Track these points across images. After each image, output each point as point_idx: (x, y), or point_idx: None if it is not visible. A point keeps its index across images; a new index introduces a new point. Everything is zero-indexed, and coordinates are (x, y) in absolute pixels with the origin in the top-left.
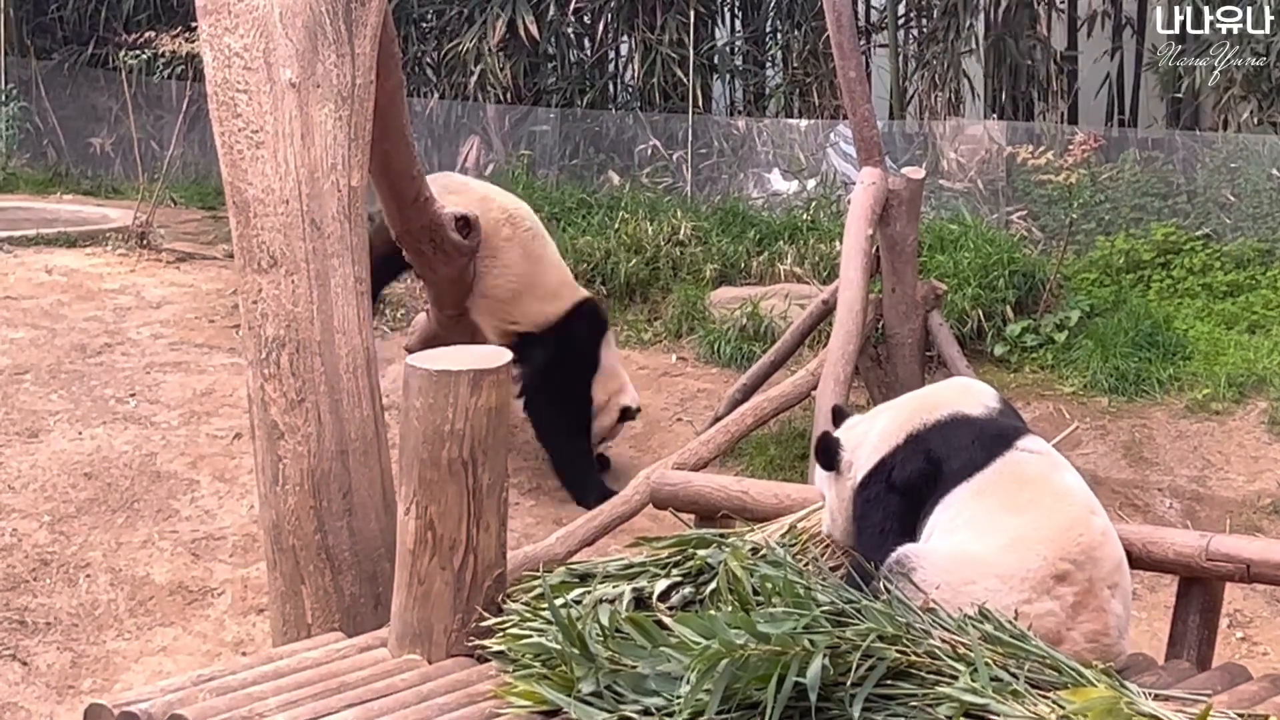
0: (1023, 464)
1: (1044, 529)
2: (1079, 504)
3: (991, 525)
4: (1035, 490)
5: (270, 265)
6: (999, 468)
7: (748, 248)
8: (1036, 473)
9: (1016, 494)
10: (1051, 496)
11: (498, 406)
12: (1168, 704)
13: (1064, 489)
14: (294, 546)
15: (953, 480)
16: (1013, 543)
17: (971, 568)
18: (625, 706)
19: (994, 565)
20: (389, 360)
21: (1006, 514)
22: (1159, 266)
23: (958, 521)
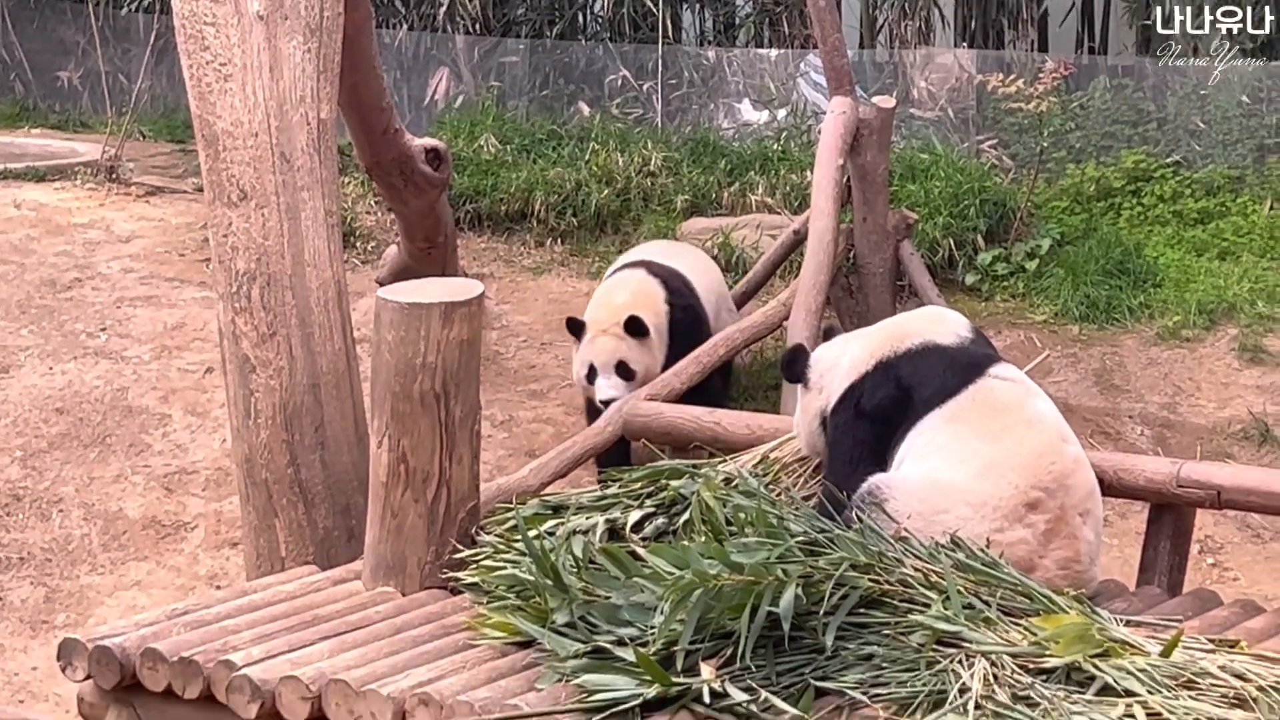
0: (995, 391)
1: (1016, 456)
2: (1051, 431)
3: (963, 453)
4: (1008, 418)
5: (240, 199)
6: (971, 395)
7: (718, 178)
8: (1009, 400)
9: (989, 421)
10: (1024, 424)
11: (469, 339)
12: (1139, 630)
13: (1036, 416)
14: (267, 480)
15: (924, 408)
16: (985, 470)
17: (943, 496)
18: (599, 637)
19: (966, 493)
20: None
21: (979, 441)
22: (1129, 194)
23: (929, 449)
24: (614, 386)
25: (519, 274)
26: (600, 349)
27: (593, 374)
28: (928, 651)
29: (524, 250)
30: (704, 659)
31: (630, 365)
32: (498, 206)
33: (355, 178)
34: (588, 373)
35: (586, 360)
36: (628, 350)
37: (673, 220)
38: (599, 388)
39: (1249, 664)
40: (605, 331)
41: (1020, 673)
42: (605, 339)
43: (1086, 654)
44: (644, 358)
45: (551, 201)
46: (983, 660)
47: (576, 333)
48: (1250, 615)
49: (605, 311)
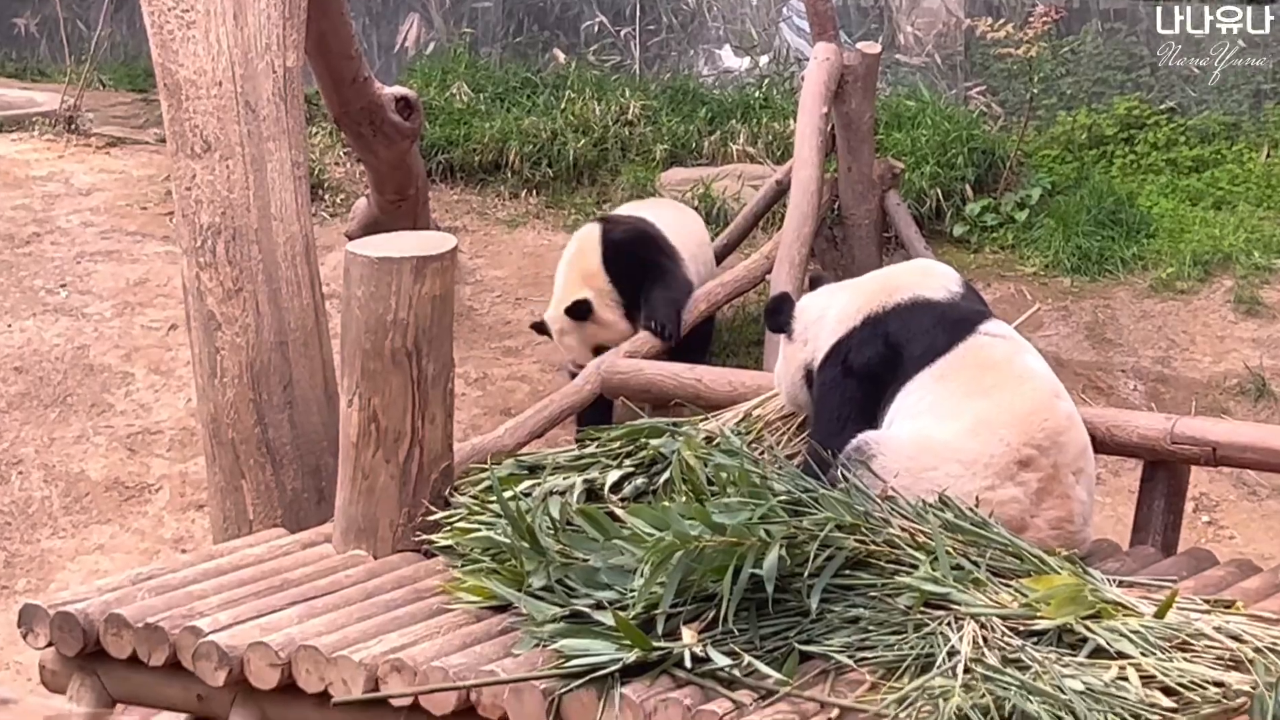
0: (986, 348)
1: (1007, 414)
2: (1043, 388)
3: (954, 410)
4: (999, 374)
5: (204, 150)
6: (961, 352)
7: (699, 127)
8: (1000, 356)
9: (979, 378)
10: (1015, 380)
11: (442, 294)
12: (1132, 590)
13: (1028, 373)
14: (233, 440)
15: (914, 366)
16: (975, 427)
17: (932, 454)
18: (577, 601)
19: (956, 451)
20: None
21: (969, 399)
22: (1122, 142)
23: (919, 407)
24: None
25: (493, 227)
26: (571, 345)
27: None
28: (915, 614)
29: (498, 202)
30: (685, 623)
31: (604, 345)
32: (470, 157)
33: (323, 128)
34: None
35: (566, 363)
36: (590, 335)
37: (651, 171)
38: None
39: (1245, 625)
40: (561, 331)
41: (1010, 635)
42: (566, 338)
43: (1078, 616)
44: (604, 331)
45: (526, 152)
46: (972, 623)
47: (545, 333)
48: (1246, 575)
49: (553, 307)
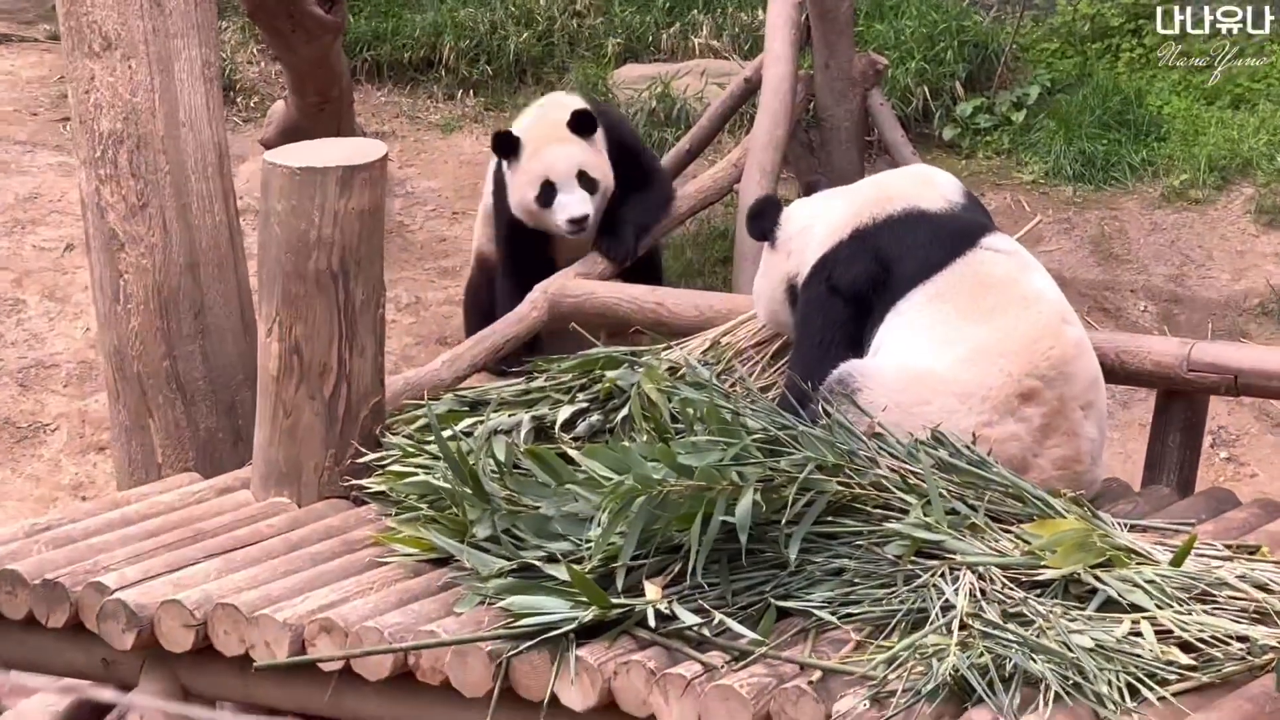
0: (987, 264)
1: (1009, 340)
2: (1050, 311)
3: (949, 335)
4: (1000, 295)
5: (104, 48)
6: (959, 269)
7: (656, 18)
8: (1002, 275)
9: (979, 299)
10: (1019, 303)
11: (371, 208)
12: (1145, 535)
13: (1034, 294)
14: (139, 374)
15: (905, 284)
16: (972, 355)
17: (924, 385)
18: (526, 553)
19: (950, 382)
20: (242, 157)
21: (966, 322)
22: (1129, 33)
23: (911, 332)
24: (583, 201)
25: (425, 132)
26: (554, 158)
27: (549, 192)
28: (905, 564)
29: (431, 104)
30: (648, 577)
31: (591, 174)
32: (400, 54)
33: (234, 22)
34: (539, 193)
35: (537, 176)
36: (584, 155)
37: (603, 68)
38: (564, 205)
39: (1272, 572)
40: (549, 137)
41: (1011, 587)
42: (556, 146)
43: (1086, 564)
44: (602, 164)
45: (462, 47)
46: (968, 573)
47: (510, 150)
48: (1272, 517)
49: (532, 123)
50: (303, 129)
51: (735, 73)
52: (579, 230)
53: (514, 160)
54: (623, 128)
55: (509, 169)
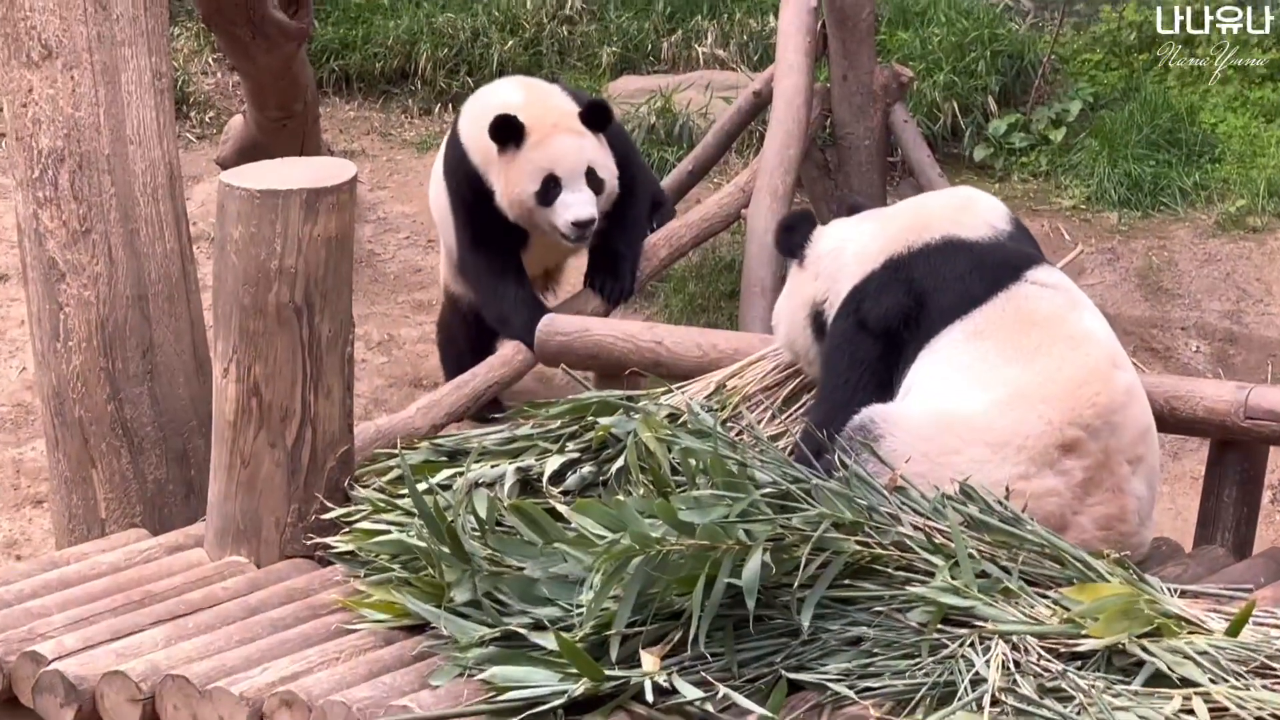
0: (1031, 300)
1: (1051, 384)
2: (1099, 354)
3: (986, 377)
4: (1045, 334)
5: (43, 57)
6: (1000, 304)
7: (655, 25)
8: (1048, 312)
9: (1021, 338)
10: (1065, 342)
11: (339, 236)
12: (1198, 601)
13: (1082, 334)
14: (81, 419)
15: (941, 320)
16: (1010, 399)
17: (954, 433)
18: (510, 619)
19: (983, 430)
20: (196, 178)
21: (1006, 363)
22: (1180, 43)
23: (946, 371)
24: (590, 202)
25: (399, 150)
26: (562, 149)
27: (551, 188)
28: (931, 633)
29: (405, 120)
30: (645, 646)
31: (599, 172)
32: (371, 64)
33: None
34: (540, 188)
35: (540, 169)
36: (594, 150)
37: (598, 79)
38: (568, 204)
39: None
40: (557, 127)
41: (1049, 658)
42: (563, 137)
43: (1132, 633)
44: (609, 162)
45: (441, 56)
46: (1001, 643)
47: (511, 137)
48: None
49: (535, 108)
50: (263, 146)
51: (743, 85)
52: (583, 235)
53: (511, 148)
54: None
55: (504, 156)
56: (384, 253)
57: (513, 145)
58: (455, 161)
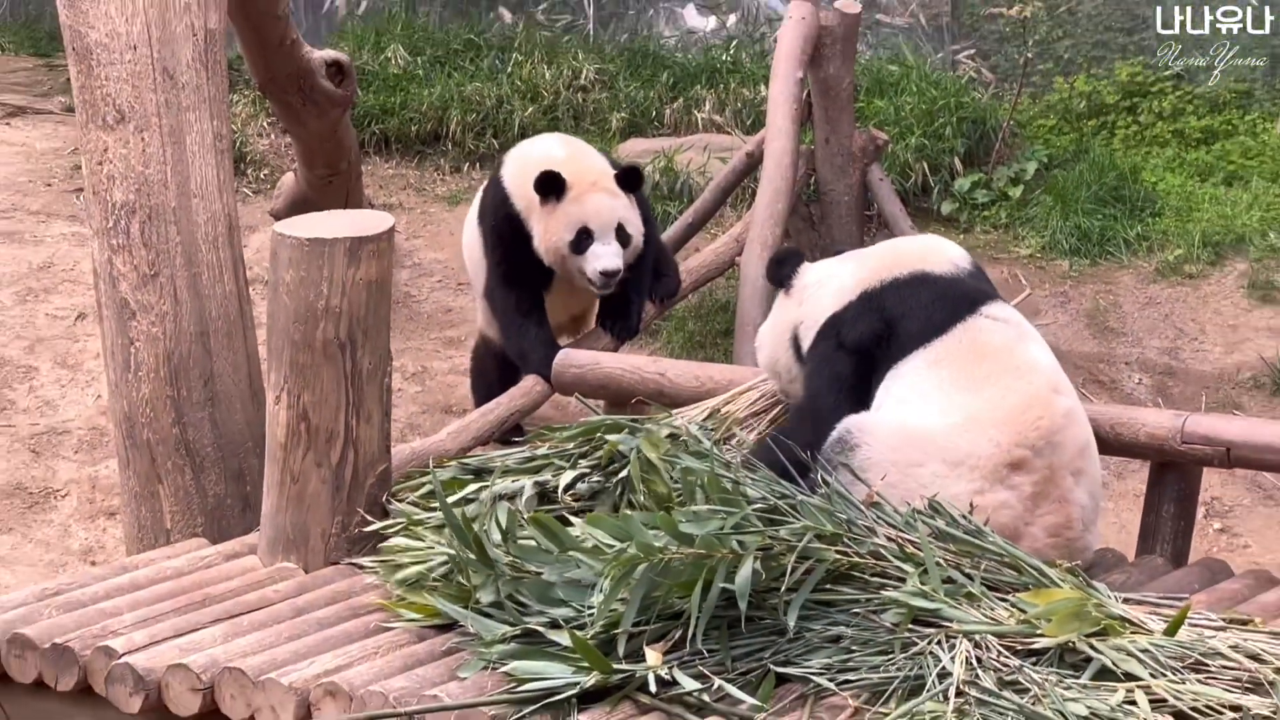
0: (985, 332)
1: (999, 410)
2: (1041, 381)
3: (944, 403)
4: (995, 364)
5: (117, 121)
6: (959, 334)
7: (660, 93)
8: (999, 343)
9: (974, 367)
10: (1012, 372)
11: (378, 279)
12: (1140, 606)
13: (1028, 363)
14: (149, 441)
15: (909, 343)
16: (965, 424)
17: (919, 448)
18: (529, 619)
19: (943, 449)
20: (252, 228)
21: (960, 390)
22: (1124, 111)
23: (909, 395)
24: (618, 254)
25: (432, 204)
26: (598, 206)
27: (584, 239)
28: (903, 632)
29: (437, 177)
30: (649, 643)
31: (628, 228)
32: (408, 127)
33: (246, 96)
34: (574, 238)
35: (576, 221)
36: (625, 209)
37: (608, 141)
38: (598, 255)
39: (1264, 643)
40: (595, 185)
41: (1007, 654)
42: (599, 195)
43: (1081, 633)
44: (638, 220)
45: (469, 121)
46: (965, 641)
47: (556, 190)
48: (1264, 588)
49: (576, 166)
50: (311, 201)
51: (737, 147)
52: (608, 284)
53: (552, 200)
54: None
55: (545, 207)
56: (418, 294)
57: (554, 198)
58: (496, 204)
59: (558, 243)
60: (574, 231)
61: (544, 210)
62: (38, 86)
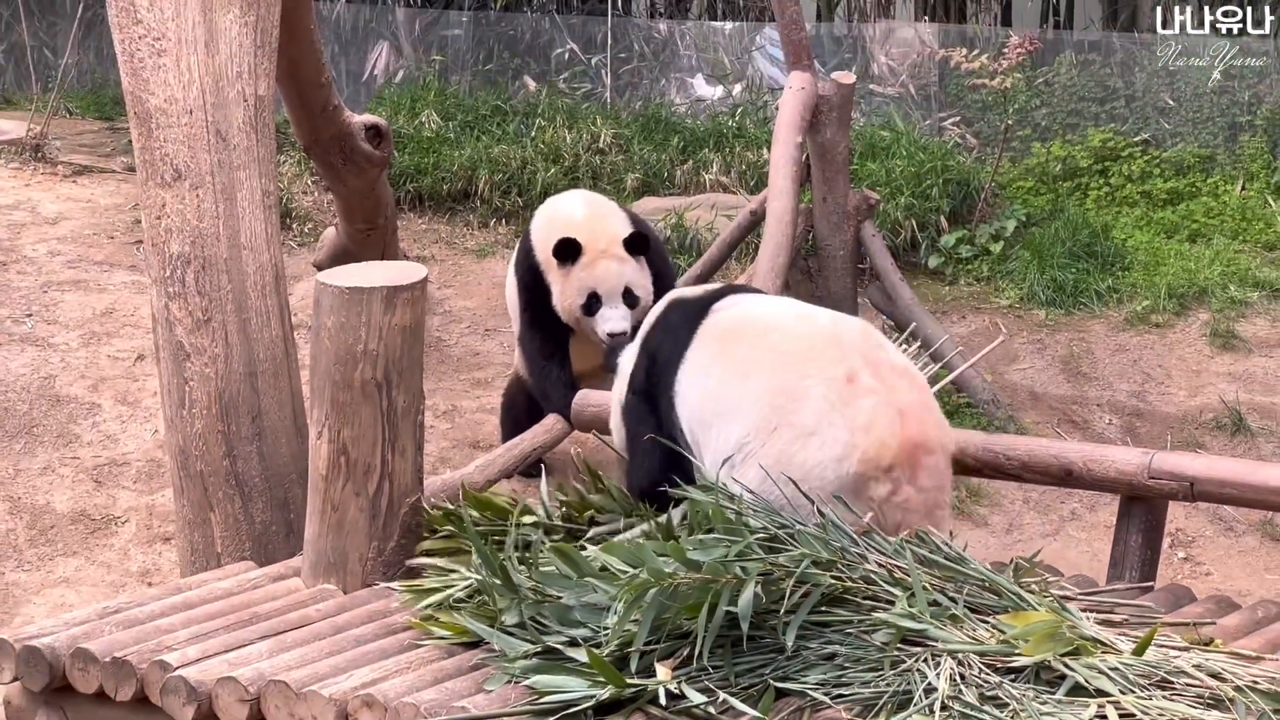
0: (721, 324)
1: (795, 365)
2: (795, 323)
3: (741, 401)
4: (751, 341)
5: (174, 179)
6: (701, 339)
7: (671, 156)
8: (743, 323)
9: (736, 355)
10: (766, 334)
11: (412, 325)
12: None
13: (770, 323)
14: (202, 472)
15: (669, 368)
16: (771, 394)
17: (776, 419)
18: (549, 637)
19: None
20: (297, 277)
21: (749, 378)
22: (1097, 174)
23: (709, 413)
24: (625, 317)
25: (461, 256)
26: (606, 273)
27: (594, 303)
28: (892, 650)
29: (467, 231)
30: (659, 660)
31: (635, 291)
32: (439, 186)
33: (291, 156)
34: (585, 301)
35: (586, 287)
36: (633, 273)
37: (624, 199)
38: (606, 318)
39: (1225, 662)
40: (605, 253)
41: (988, 672)
42: (608, 261)
43: (1056, 652)
44: (645, 281)
45: (496, 180)
46: (949, 659)
47: (571, 256)
48: (1225, 611)
49: (590, 232)
50: (351, 253)
51: (742, 206)
52: (615, 343)
53: (568, 264)
54: (658, 250)
55: (561, 270)
56: (449, 339)
57: (570, 262)
58: (525, 256)
59: (571, 305)
60: (585, 295)
61: (560, 273)
62: (102, 147)
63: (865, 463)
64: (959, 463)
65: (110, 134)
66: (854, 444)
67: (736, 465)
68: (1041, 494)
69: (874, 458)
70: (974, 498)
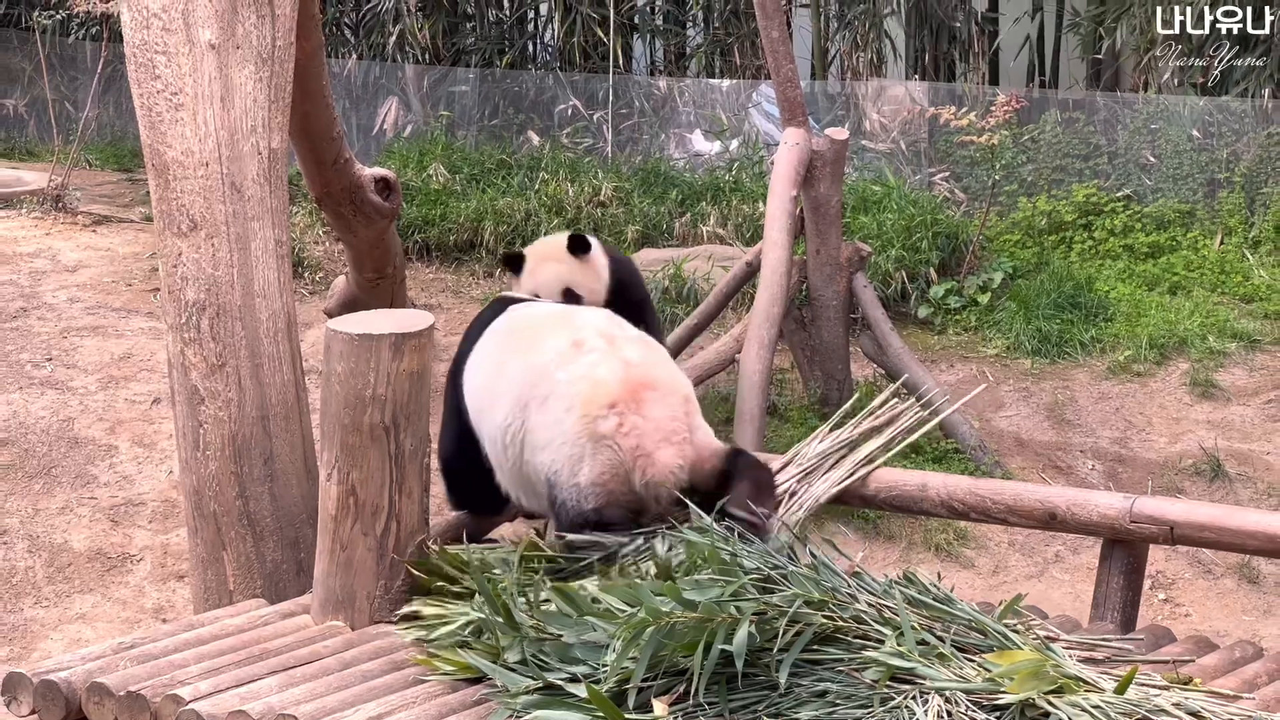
0: (501, 324)
1: (530, 342)
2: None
3: (498, 389)
4: (514, 336)
5: (190, 229)
6: (485, 337)
7: (670, 209)
8: (510, 322)
9: (501, 348)
10: (518, 338)
11: (419, 371)
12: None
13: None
14: (215, 512)
15: (461, 363)
16: (530, 371)
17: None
18: (550, 674)
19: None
20: (308, 324)
21: (498, 371)
22: (1080, 228)
23: (484, 404)
24: None
25: (467, 305)
26: (544, 276)
27: None
28: (882, 688)
29: (472, 281)
30: (656, 696)
31: (576, 290)
32: (446, 236)
33: (303, 207)
34: None
35: (530, 290)
36: (571, 273)
37: (624, 250)
38: None
39: (1203, 701)
40: (546, 258)
41: (975, 709)
42: (548, 264)
43: (1040, 690)
44: (589, 280)
45: (501, 231)
46: (937, 697)
47: (516, 266)
48: (1203, 652)
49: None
50: (361, 301)
51: (738, 257)
52: None
53: (517, 275)
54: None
55: (514, 282)
56: None
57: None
58: None
59: None
60: None
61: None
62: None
63: (587, 403)
64: (948, 506)
65: (129, 185)
66: (575, 391)
67: (508, 446)
68: (1026, 537)
69: (593, 397)
70: (961, 540)
